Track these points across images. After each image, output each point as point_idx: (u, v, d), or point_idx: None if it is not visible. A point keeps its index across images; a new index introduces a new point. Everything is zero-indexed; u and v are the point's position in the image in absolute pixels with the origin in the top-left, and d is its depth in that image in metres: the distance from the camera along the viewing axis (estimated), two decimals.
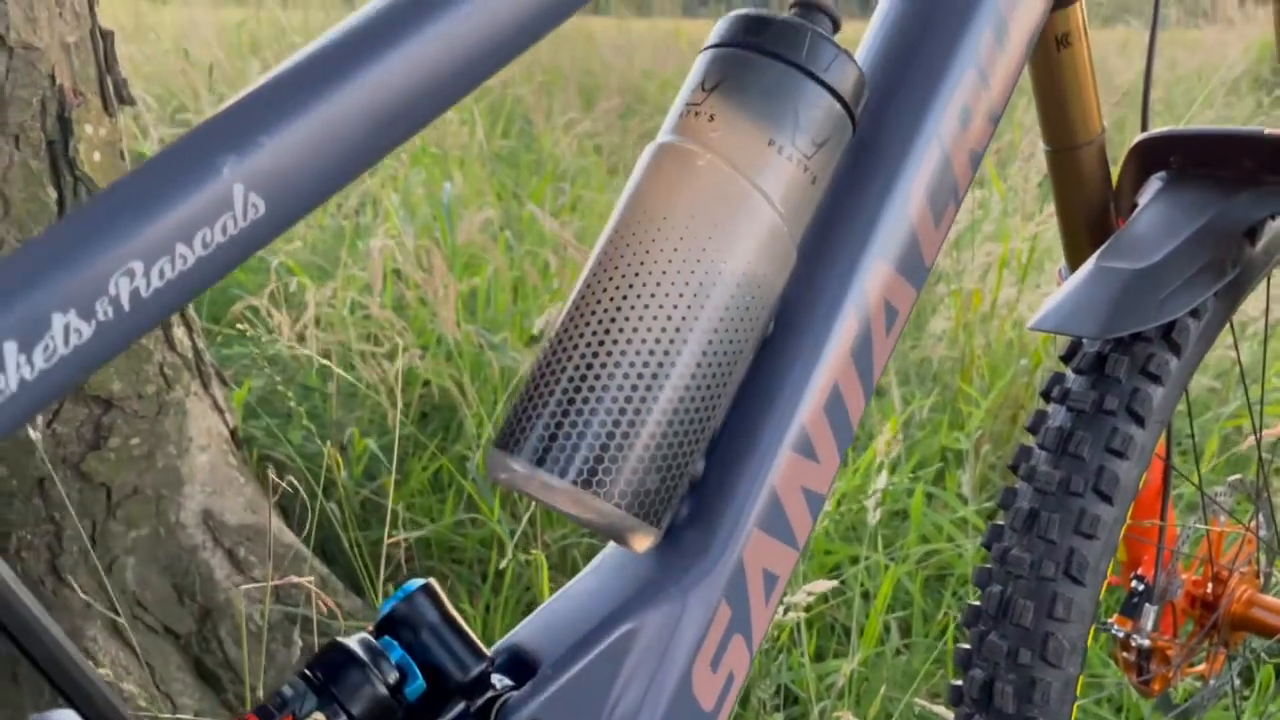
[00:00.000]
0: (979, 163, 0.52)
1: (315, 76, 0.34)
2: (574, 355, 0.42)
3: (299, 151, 0.33)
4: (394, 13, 0.35)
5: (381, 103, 0.34)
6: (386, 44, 0.35)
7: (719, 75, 0.44)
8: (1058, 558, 0.67)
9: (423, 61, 0.35)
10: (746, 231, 0.43)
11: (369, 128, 0.34)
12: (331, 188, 0.35)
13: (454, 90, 0.37)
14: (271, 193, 0.32)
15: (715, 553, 0.46)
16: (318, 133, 0.33)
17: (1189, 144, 0.73)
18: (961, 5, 0.50)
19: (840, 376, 0.49)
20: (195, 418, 1.09)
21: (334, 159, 0.34)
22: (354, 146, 0.34)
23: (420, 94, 0.35)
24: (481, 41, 0.37)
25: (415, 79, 0.35)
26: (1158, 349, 0.68)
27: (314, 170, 0.33)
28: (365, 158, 0.35)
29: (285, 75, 0.34)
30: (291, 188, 0.33)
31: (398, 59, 0.35)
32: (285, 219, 0.33)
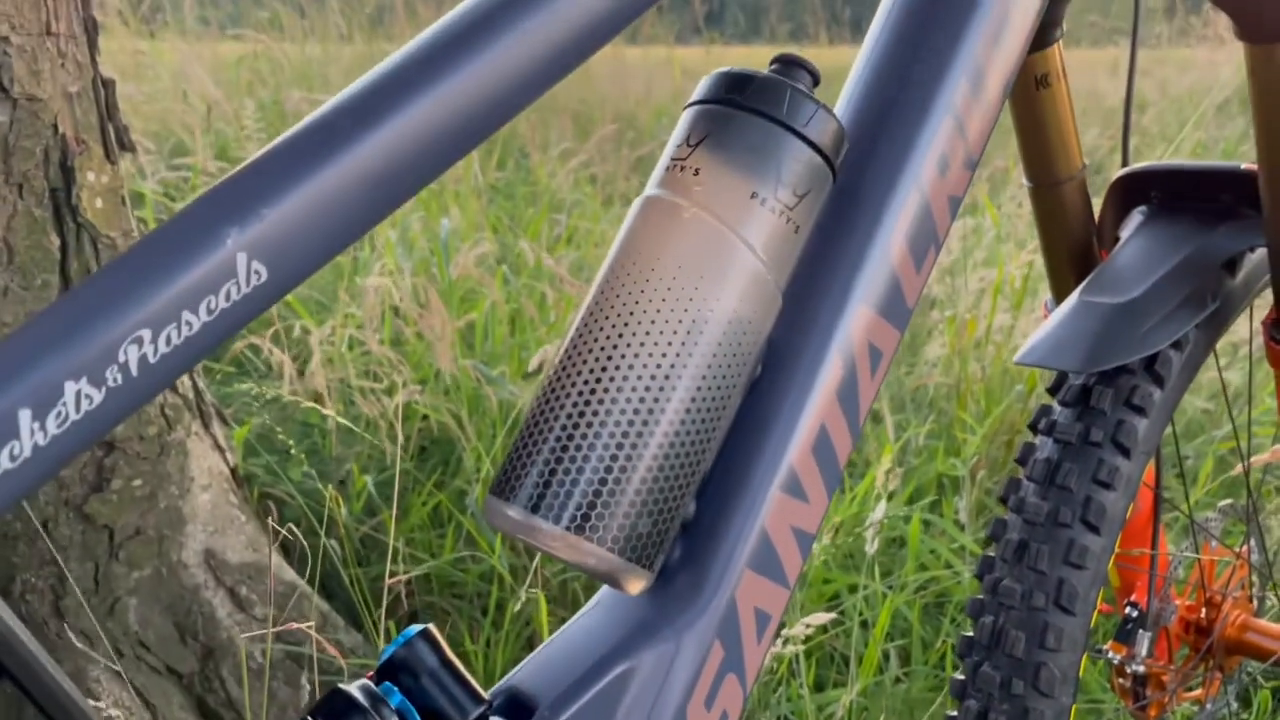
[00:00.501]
0: (958, 208, 0.54)
1: (313, 147, 0.35)
2: (566, 404, 0.43)
3: (299, 220, 0.34)
4: (388, 81, 0.37)
5: (378, 169, 0.36)
6: (381, 113, 0.36)
7: (703, 131, 0.46)
8: (1048, 588, 0.68)
9: (419, 128, 0.37)
10: (732, 280, 0.45)
11: (367, 194, 0.36)
12: (332, 252, 0.36)
13: (451, 153, 0.38)
14: (273, 260, 0.34)
15: (708, 593, 0.47)
16: (317, 201, 0.35)
17: (1168, 179, 0.75)
18: (938, 56, 0.52)
19: (827, 418, 0.50)
20: (196, 457, 1.10)
21: (333, 226, 0.35)
22: (352, 212, 0.36)
23: (417, 159, 0.37)
24: (478, 104, 0.39)
25: (411, 145, 0.37)
26: (1141, 381, 0.69)
27: (314, 237, 0.35)
28: (364, 222, 0.36)
29: (284, 147, 0.35)
30: (292, 254, 0.34)
31: (393, 127, 0.36)
32: (287, 284, 0.35)
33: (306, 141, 0.35)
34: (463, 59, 0.38)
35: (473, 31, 0.39)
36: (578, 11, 0.41)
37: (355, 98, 0.37)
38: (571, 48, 0.41)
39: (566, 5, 0.40)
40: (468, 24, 0.39)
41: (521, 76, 0.40)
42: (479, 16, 0.39)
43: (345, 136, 0.36)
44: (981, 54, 0.53)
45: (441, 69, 0.38)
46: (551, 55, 0.40)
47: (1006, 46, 0.54)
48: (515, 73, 0.38)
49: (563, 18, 0.40)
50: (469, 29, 0.39)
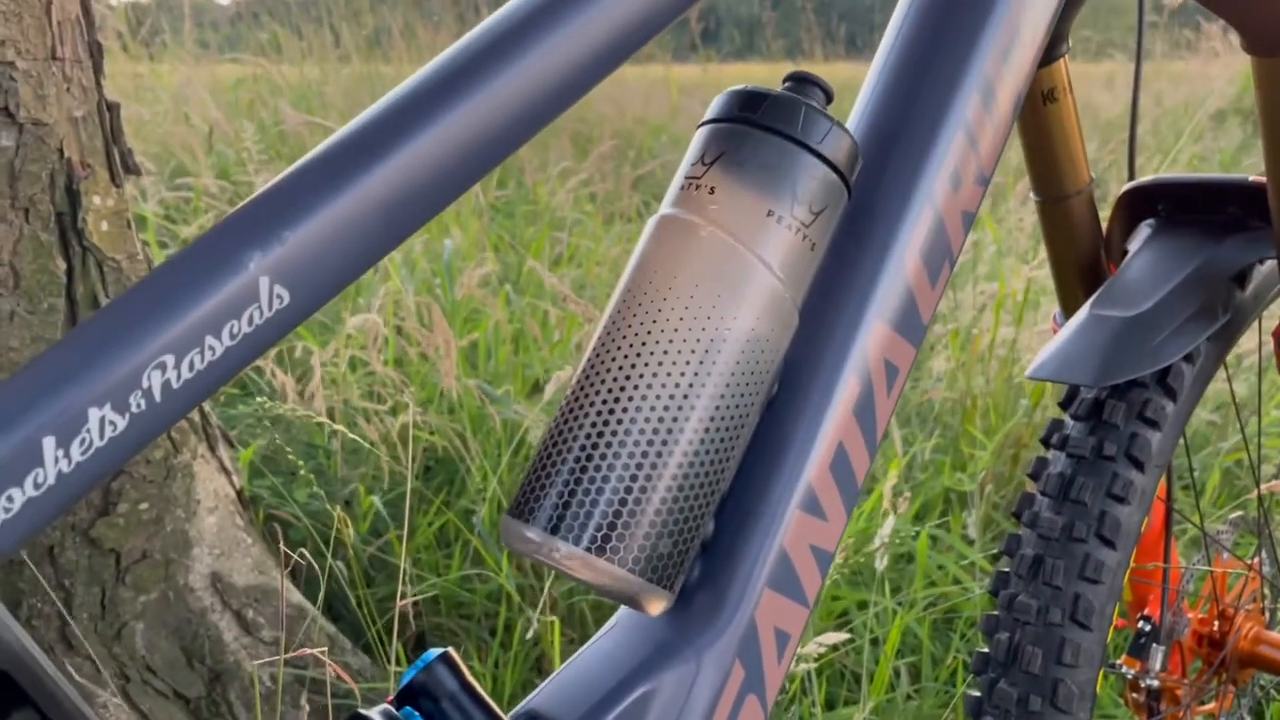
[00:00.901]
0: (971, 223, 0.54)
1: (332, 172, 0.35)
2: (584, 424, 0.43)
3: (320, 244, 0.34)
4: (404, 107, 0.37)
5: (396, 194, 0.36)
6: (397, 138, 0.36)
7: (718, 150, 0.46)
8: (1064, 603, 0.68)
9: (434, 153, 0.37)
10: (749, 298, 0.45)
11: (385, 218, 0.36)
12: (352, 275, 0.36)
13: (466, 177, 0.38)
14: (295, 283, 0.34)
15: (728, 614, 0.47)
16: (337, 225, 0.35)
17: (1175, 192, 0.75)
18: (949, 73, 0.52)
19: (844, 436, 0.50)
20: (202, 480, 1.10)
21: (353, 249, 0.35)
22: (372, 236, 0.36)
23: (433, 183, 0.37)
24: (492, 129, 0.39)
25: (427, 170, 0.37)
26: (1153, 394, 0.69)
27: (335, 260, 0.35)
28: (383, 245, 0.36)
29: (303, 171, 0.35)
30: (314, 278, 0.34)
31: (409, 153, 0.36)
32: (309, 307, 0.35)
33: (326, 166, 0.35)
34: (475, 85, 0.38)
35: (484, 57, 0.39)
36: (583, 41, 0.41)
37: (371, 123, 0.37)
38: (579, 74, 0.41)
39: (572, 34, 0.41)
40: (479, 50, 0.39)
41: (532, 102, 0.40)
42: (489, 43, 0.40)
43: (363, 161, 0.36)
44: (992, 69, 0.53)
45: (455, 95, 0.38)
46: (560, 82, 0.41)
47: (1017, 61, 0.54)
48: (526, 98, 0.39)
49: (569, 47, 0.40)
50: (480, 55, 0.39)
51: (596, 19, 0.41)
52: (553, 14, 0.41)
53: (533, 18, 0.40)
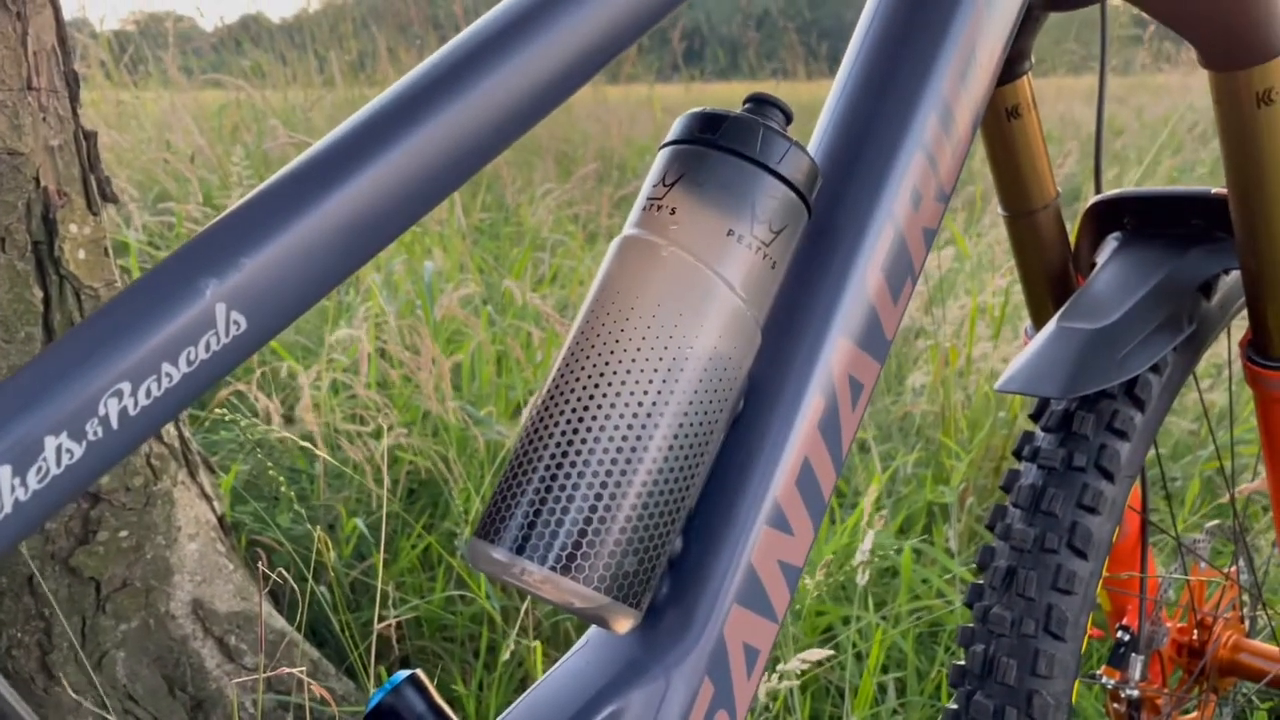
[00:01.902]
0: (933, 239, 0.55)
1: (291, 196, 0.36)
2: (549, 444, 0.44)
3: (278, 269, 0.35)
4: (364, 129, 0.38)
5: (356, 216, 0.36)
6: (357, 161, 0.37)
7: (679, 171, 0.47)
8: (1037, 615, 0.68)
9: (395, 176, 0.37)
10: (711, 317, 0.45)
11: (345, 242, 0.36)
12: (312, 299, 0.36)
13: (428, 199, 0.39)
14: (252, 309, 0.34)
15: (696, 630, 0.47)
16: (296, 251, 0.35)
17: (1140, 205, 0.76)
18: (907, 93, 0.53)
19: (810, 451, 0.50)
20: (183, 507, 1.10)
21: (313, 273, 0.36)
22: (331, 260, 0.36)
23: (394, 206, 0.37)
24: (453, 151, 0.39)
25: (388, 192, 0.37)
26: (1121, 405, 0.70)
27: (293, 286, 0.35)
28: (343, 269, 0.37)
29: (262, 196, 0.36)
30: (272, 303, 0.35)
31: (369, 176, 0.37)
32: (267, 333, 0.35)
33: (284, 190, 0.36)
34: (434, 109, 0.39)
35: (443, 81, 0.40)
36: (544, 61, 0.41)
37: (331, 147, 0.37)
38: (541, 95, 0.42)
39: (535, 54, 0.41)
40: (439, 74, 0.40)
41: (492, 124, 0.40)
42: (449, 67, 0.40)
43: (322, 185, 0.36)
44: (950, 89, 0.54)
45: (415, 118, 0.38)
46: (523, 102, 0.41)
47: (974, 80, 0.55)
48: (486, 121, 0.39)
49: (533, 67, 0.41)
50: (439, 79, 0.40)
51: (553, 46, 0.41)
52: (510, 39, 0.41)
53: (490, 42, 0.41)
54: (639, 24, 0.45)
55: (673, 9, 0.48)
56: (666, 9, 0.47)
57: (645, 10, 0.45)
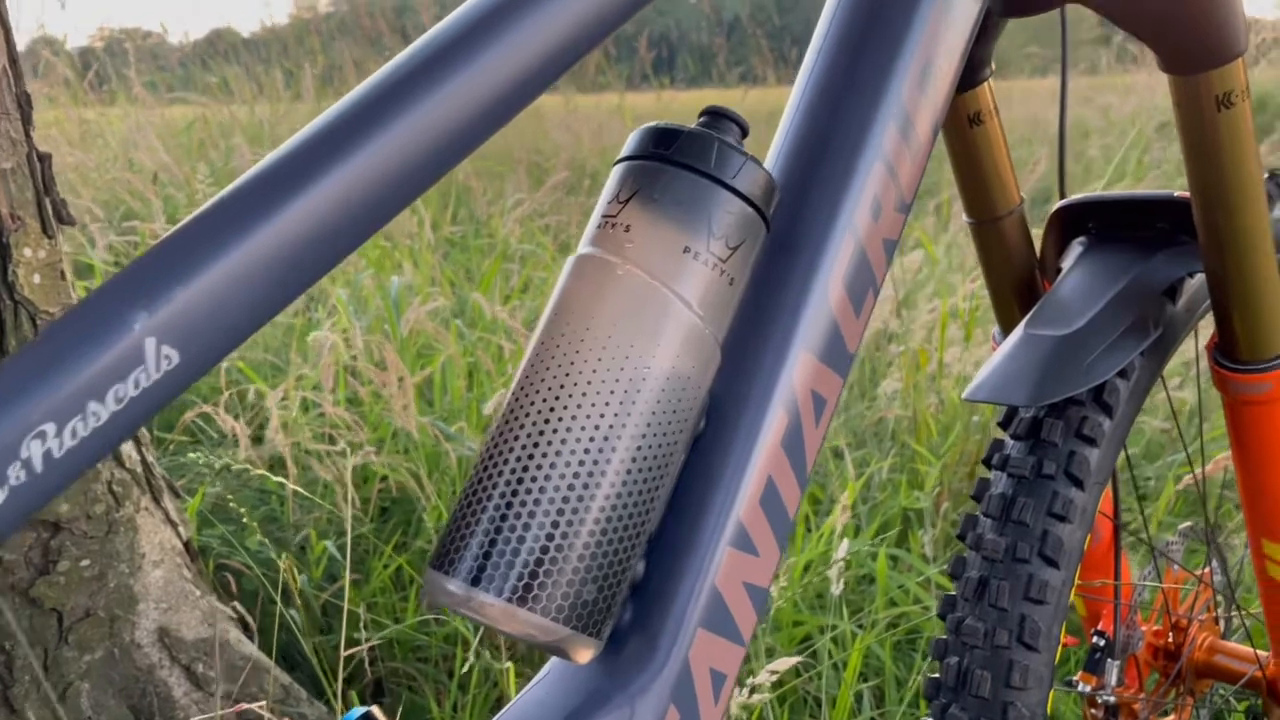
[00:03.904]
0: (894, 250, 0.54)
1: (226, 224, 0.34)
2: (504, 471, 0.43)
3: (212, 300, 0.33)
4: (299, 154, 0.36)
5: (292, 243, 0.35)
6: (292, 187, 0.35)
7: (633, 187, 0.46)
8: (1010, 625, 0.67)
9: (334, 199, 0.36)
10: (668, 336, 0.44)
11: (282, 269, 0.35)
12: (248, 330, 0.35)
13: (370, 222, 0.38)
14: (184, 343, 0.33)
15: (660, 657, 0.46)
16: (231, 280, 0.34)
17: (1104, 209, 0.76)
18: (865, 103, 0.52)
19: (774, 469, 0.49)
20: (147, 533, 1.07)
21: (249, 304, 0.34)
22: (267, 289, 0.35)
23: (332, 232, 0.36)
24: (393, 174, 0.38)
25: (324, 220, 0.36)
26: (1090, 411, 0.69)
27: (228, 317, 0.34)
28: (280, 298, 0.35)
29: (194, 225, 0.34)
30: (205, 336, 0.33)
31: (305, 200, 0.35)
32: (200, 366, 0.34)
33: (218, 218, 0.35)
34: (380, 124, 0.38)
35: (391, 95, 0.39)
36: (484, 86, 0.40)
37: (267, 171, 0.36)
38: (481, 120, 0.41)
39: (474, 77, 0.40)
40: (386, 88, 0.39)
41: (446, 137, 0.39)
42: (397, 80, 0.39)
43: (258, 211, 0.35)
44: (908, 98, 0.53)
45: (358, 136, 0.37)
46: (474, 118, 0.40)
47: (933, 89, 0.54)
48: (437, 136, 0.38)
49: (471, 92, 0.40)
50: (387, 93, 0.39)
51: (490, 69, 0.40)
52: (458, 53, 0.40)
53: (439, 56, 0.40)
54: (602, 27, 0.45)
55: (634, 12, 0.47)
56: (627, 14, 0.46)
57: (609, 13, 0.44)
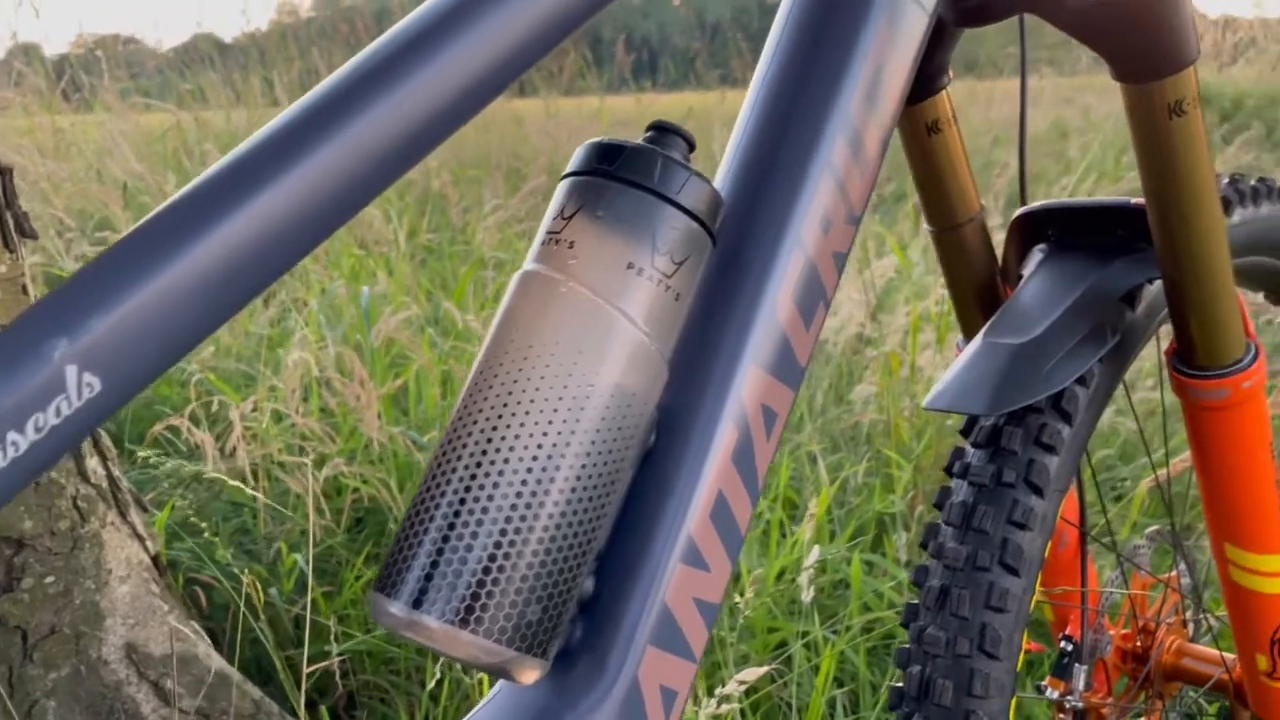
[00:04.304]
0: (844, 263, 0.54)
1: (150, 248, 0.34)
2: (447, 491, 0.42)
3: (136, 326, 0.33)
4: (227, 174, 0.36)
5: (221, 267, 0.35)
6: (219, 208, 0.35)
7: (577, 203, 0.46)
8: (971, 634, 0.67)
9: (263, 222, 0.36)
10: (612, 353, 0.44)
11: (210, 293, 0.35)
12: (176, 355, 0.35)
13: (303, 243, 0.37)
14: (107, 370, 0.32)
15: (610, 676, 0.46)
16: (155, 305, 0.33)
17: (1064, 216, 0.76)
18: (814, 117, 0.52)
19: (724, 484, 0.49)
20: (113, 548, 1.07)
21: (174, 329, 0.34)
22: (195, 313, 0.34)
23: (263, 254, 0.36)
24: (329, 192, 0.38)
25: (256, 240, 0.36)
26: (1049, 419, 0.69)
27: (153, 342, 0.33)
28: (210, 322, 0.35)
29: (119, 250, 0.34)
30: (129, 363, 0.33)
31: (234, 222, 0.35)
32: (125, 392, 0.33)
33: (141, 243, 0.34)
34: (311, 145, 0.37)
35: (324, 114, 0.38)
36: (423, 102, 0.40)
37: (193, 194, 0.36)
38: (421, 135, 0.40)
39: (418, 91, 0.40)
40: (321, 105, 0.39)
41: (368, 166, 0.39)
42: (331, 99, 0.39)
43: (183, 235, 0.34)
44: (856, 112, 0.53)
45: (292, 153, 0.37)
46: (401, 142, 0.40)
47: (882, 102, 0.54)
48: (359, 164, 0.38)
49: (412, 106, 0.40)
50: (321, 110, 0.39)
51: (428, 85, 0.40)
52: (392, 72, 0.40)
53: (371, 76, 0.40)
54: (560, 29, 0.44)
55: (594, 14, 0.47)
56: (586, 15, 0.46)
57: (570, 13, 0.44)
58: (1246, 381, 0.70)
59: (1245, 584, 0.79)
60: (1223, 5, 16.20)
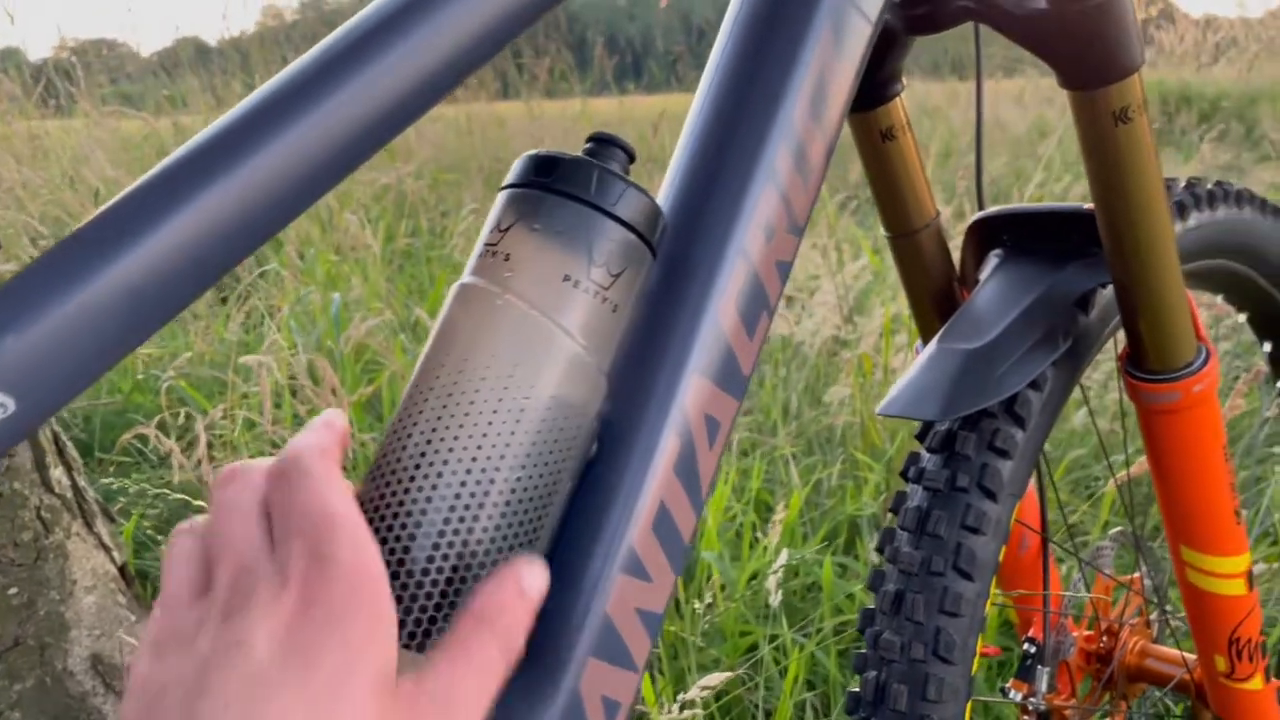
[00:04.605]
0: (788, 272, 0.54)
1: (69, 265, 0.34)
2: (381, 505, 0.42)
3: (50, 344, 0.33)
4: (150, 188, 0.36)
5: (141, 284, 0.35)
6: (141, 225, 0.35)
7: (514, 215, 0.46)
8: (926, 639, 0.68)
9: (186, 237, 0.36)
10: (548, 366, 0.44)
11: (129, 310, 0.34)
12: (95, 373, 0.35)
13: (227, 257, 0.37)
14: (21, 390, 0.32)
15: (549, 689, 0.46)
16: (71, 322, 0.33)
17: (1018, 221, 0.76)
18: (756, 127, 0.52)
19: (666, 494, 0.49)
20: (78, 559, 1.06)
21: (92, 347, 0.34)
22: (114, 331, 0.34)
23: (185, 270, 0.36)
24: (255, 205, 0.38)
25: (178, 255, 0.35)
26: (1002, 424, 0.70)
27: (69, 361, 0.33)
28: (129, 340, 0.35)
29: (37, 267, 0.34)
30: (44, 382, 0.33)
31: (155, 238, 0.35)
32: (42, 412, 0.33)
33: (62, 260, 0.34)
34: (241, 155, 0.38)
35: (252, 125, 0.38)
36: (364, 104, 0.40)
37: (119, 205, 0.36)
38: (361, 138, 0.40)
39: (358, 94, 0.40)
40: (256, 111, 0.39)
41: (310, 166, 0.39)
42: (266, 105, 0.39)
43: (104, 251, 0.34)
44: (799, 121, 0.53)
45: (219, 166, 0.37)
46: (340, 146, 0.40)
47: (825, 111, 0.54)
48: (281, 183, 0.38)
49: (339, 118, 0.40)
50: (256, 117, 0.39)
51: (370, 89, 0.40)
52: (331, 75, 0.40)
53: (310, 80, 0.40)
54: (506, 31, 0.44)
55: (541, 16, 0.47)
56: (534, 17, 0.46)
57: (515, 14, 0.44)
58: (1198, 385, 0.70)
59: (1202, 586, 0.79)
60: (1205, 5, 16.29)
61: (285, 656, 0.30)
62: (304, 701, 0.30)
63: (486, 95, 5.23)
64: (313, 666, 0.30)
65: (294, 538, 0.34)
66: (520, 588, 0.40)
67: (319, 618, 0.32)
